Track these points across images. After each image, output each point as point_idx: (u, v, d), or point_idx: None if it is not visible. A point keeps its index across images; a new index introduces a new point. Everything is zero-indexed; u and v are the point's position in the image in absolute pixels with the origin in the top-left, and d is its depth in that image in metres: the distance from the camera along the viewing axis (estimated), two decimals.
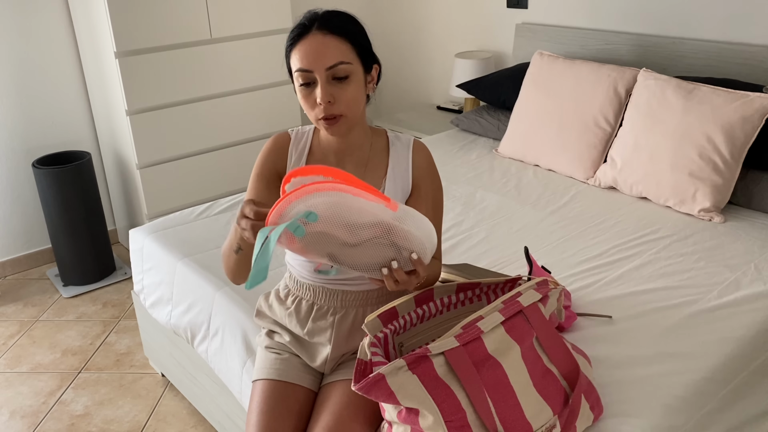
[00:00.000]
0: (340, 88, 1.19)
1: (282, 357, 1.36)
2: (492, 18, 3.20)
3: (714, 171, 2.01)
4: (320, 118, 1.21)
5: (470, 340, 1.06)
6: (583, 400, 1.15)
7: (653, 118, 2.15)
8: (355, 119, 1.24)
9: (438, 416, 1.01)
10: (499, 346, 1.09)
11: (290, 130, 1.35)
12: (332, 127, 1.21)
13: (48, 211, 2.71)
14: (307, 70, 1.18)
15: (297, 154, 1.33)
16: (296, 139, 1.34)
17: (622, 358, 1.37)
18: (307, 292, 1.35)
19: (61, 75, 2.93)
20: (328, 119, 1.20)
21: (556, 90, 2.45)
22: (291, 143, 1.33)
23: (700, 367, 1.35)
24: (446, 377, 1.03)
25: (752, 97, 2.03)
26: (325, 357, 1.32)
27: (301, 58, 1.18)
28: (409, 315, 1.18)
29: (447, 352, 1.04)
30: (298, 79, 1.21)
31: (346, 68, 1.19)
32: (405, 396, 1.01)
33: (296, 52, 1.20)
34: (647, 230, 1.95)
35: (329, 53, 1.17)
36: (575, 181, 2.35)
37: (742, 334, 1.46)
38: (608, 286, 1.65)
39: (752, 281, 1.65)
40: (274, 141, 1.34)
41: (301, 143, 1.33)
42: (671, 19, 2.53)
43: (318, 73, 1.18)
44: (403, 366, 1.01)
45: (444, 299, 1.24)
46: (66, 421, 2.07)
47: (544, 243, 1.90)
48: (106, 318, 2.62)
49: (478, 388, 1.04)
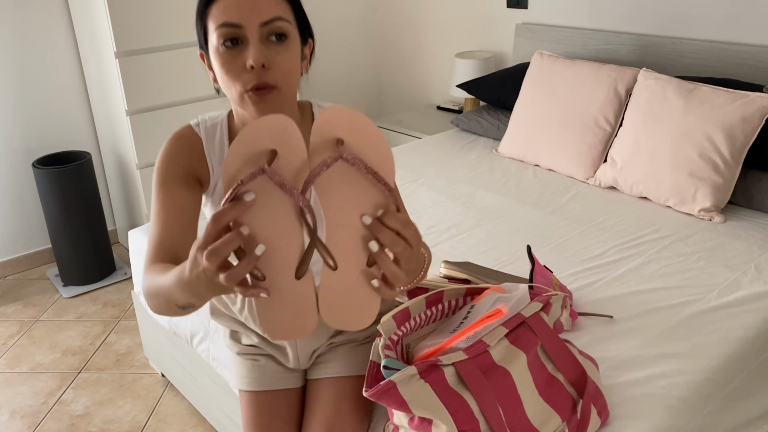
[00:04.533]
0: (276, 52, 0.97)
1: (258, 363, 1.27)
2: (492, 18, 3.20)
3: (714, 171, 2.01)
4: (249, 89, 0.97)
5: (478, 354, 1.06)
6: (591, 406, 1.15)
7: (653, 118, 2.15)
8: (288, 96, 1.01)
9: (452, 426, 0.99)
10: (506, 355, 1.09)
11: (194, 124, 1.08)
12: (263, 101, 0.98)
13: (48, 211, 2.70)
14: (235, 25, 0.95)
15: (217, 154, 1.08)
16: (208, 137, 1.09)
17: (623, 359, 1.36)
18: None
19: (61, 75, 2.93)
20: (260, 90, 0.97)
21: (557, 90, 2.45)
22: (204, 143, 1.08)
23: (701, 368, 1.35)
24: (457, 387, 1.03)
25: (752, 97, 2.03)
26: (295, 356, 1.25)
27: (228, 9, 0.95)
28: (419, 316, 1.17)
29: (457, 364, 1.04)
30: (221, 38, 0.96)
31: (285, 26, 0.97)
32: (418, 405, 0.99)
33: (219, 4, 0.97)
34: (647, 230, 1.95)
35: (265, 6, 0.96)
36: (575, 180, 2.35)
37: (742, 334, 1.46)
38: (608, 286, 1.65)
39: (752, 281, 1.65)
40: (178, 141, 1.07)
41: (216, 139, 1.08)
42: (671, 19, 2.53)
43: (249, 30, 0.95)
44: (414, 374, 1.00)
45: (452, 302, 1.23)
46: (66, 421, 2.07)
47: (545, 243, 1.89)
48: (106, 318, 2.62)
49: (489, 398, 1.03)
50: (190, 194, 1.02)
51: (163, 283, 0.84)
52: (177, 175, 1.03)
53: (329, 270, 0.79)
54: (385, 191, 0.77)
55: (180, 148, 1.06)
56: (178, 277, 0.79)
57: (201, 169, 1.07)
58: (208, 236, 0.71)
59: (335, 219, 0.78)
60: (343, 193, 0.78)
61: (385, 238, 0.76)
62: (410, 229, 0.78)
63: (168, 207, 0.99)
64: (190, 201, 1.01)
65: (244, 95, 0.98)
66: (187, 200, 1.01)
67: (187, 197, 1.01)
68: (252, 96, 0.98)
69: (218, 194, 1.09)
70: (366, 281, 0.80)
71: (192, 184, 1.04)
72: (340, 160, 0.76)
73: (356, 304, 0.81)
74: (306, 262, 0.77)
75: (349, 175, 0.77)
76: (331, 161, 0.75)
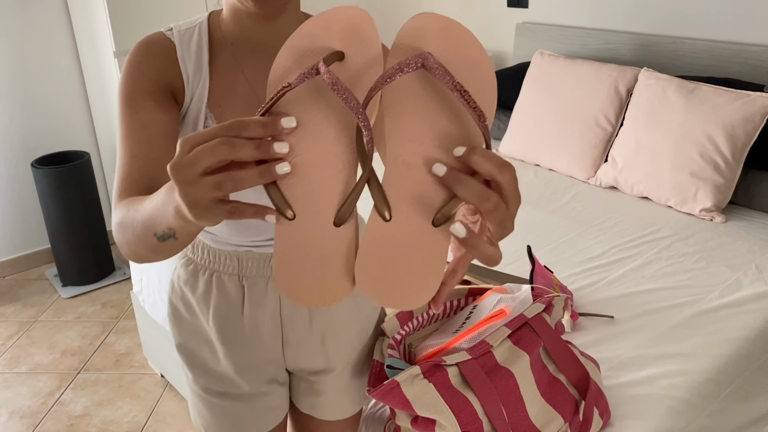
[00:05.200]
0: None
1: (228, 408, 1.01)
2: (492, 17, 3.19)
3: (715, 171, 2.00)
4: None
5: (481, 354, 1.06)
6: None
7: (654, 118, 2.15)
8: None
9: (456, 427, 0.99)
10: (509, 356, 1.08)
11: (165, 30, 0.87)
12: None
13: (47, 211, 2.70)
14: None
15: (194, 62, 0.85)
16: (183, 42, 0.85)
17: (624, 360, 1.36)
18: (227, 262, 0.95)
19: (61, 75, 2.92)
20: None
21: (557, 89, 2.44)
22: (177, 48, 0.85)
23: (702, 368, 1.34)
24: (460, 387, 1.02)
25: (753, 96, 2.02)
26: (276, 336, 0.97)
27: None
28: (422, 316, 1.17)
29: (460, 364, 1.03)
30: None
31: None
32: (422, 406, 0.99)
33: None
34: (648, 230, 1.94)
35: None
36: (576, 180, 2.35)
37: (743, 334, 1.45)
38: (609, 286, 1.64)
39: (753, 281, 1.65)
40: (146, 48, 0.84)
41: (192, 44, 0.85)
42: (672, 18, 2.52)
43: None
44: (418, 374, 1.00)
45: (453, 302, 1.23)
46: (65, 421, 2.06)
47: (545, 243, 1.89)
48: (105, 318, 2.61)
49: (493, 398, 1.03)
50: (163, 113, 0.81)
51: (142, 207, 0.65)
52: (146, 90, 0.81)
53: (379, 220, 0.58)
54: (478, 121, 0.54)
55: (148, 56, 0.83)
56: (165, 190, 0.60)
57: (174, 80, 0.84)
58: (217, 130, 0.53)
59: (400, 151, 0.57)
60: (417, 116, 0.57)
61: (469, 190, 0.53)
62: (507, 174, 0.53)
63: (138, 130, 0.78)
64: (164, 121, 0.80)
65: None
66: (160, 120, 0.80)
67: (161, 117, 0.80)
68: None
69: (194, 111, 0.86)
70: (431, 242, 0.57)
71: (165, 100, 0.82)
72: (422, 69, 0.56)
73: (409, 273, 0.58)
74: (352, 205, 0.58)
75: (431, 93, 0.58)
76: (410, 66, 0.55)
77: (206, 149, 0.51)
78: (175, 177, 0.52)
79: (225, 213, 0.54)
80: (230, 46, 0.86)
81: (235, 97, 0.85)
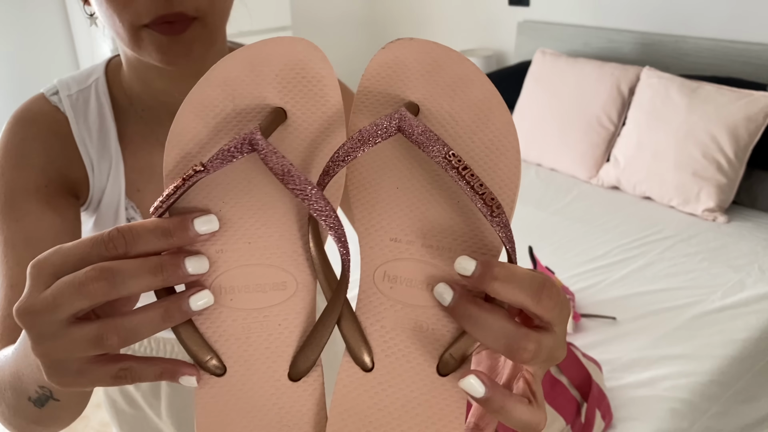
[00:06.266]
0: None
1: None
2: (494, 16, 3.18)
3: (718, 170, 1.99)
4: (150, 21, 0.55)
5: None
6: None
7: (657, 117, 2.14)
8: (215, 33, 0.59)
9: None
10: None
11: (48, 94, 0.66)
12: (175, 41, 0.56)
13: None
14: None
15: (97, 140, 0.64)
16: (77, 112, 0.64)
17: (626, 361, 1.35)
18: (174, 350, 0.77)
19: (59, 75, 2.91)
20: (170, 24, 0.55)
21: (559, 88, 2.44)
22: (72, 122, 0.64)
23: (705, 370, 1.33)
24: None
25: (756, 96, 2.01)
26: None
27: None
28: None
29: None
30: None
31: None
32: None
33: None
34: (651, 230, 1.93)
35: None
36: (578, 180, 2.34)
37: (746, 335, 1.44)
38: (612, 287, 1.64)
39: (756, 282, 1.64)
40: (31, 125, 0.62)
41: (91, 115, 0.64)
42: (675, 17, 2.51)
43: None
44: None
45: None
46: None
47: (547, 243, 1.88)
48: None
49: None
50: (56, 215, 0.59)
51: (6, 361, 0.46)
52: (29, 188, 0.59)
53: (357, 370, 0.38)
54: (488, 215, 0.34)
55: (31, 137, 0.61)
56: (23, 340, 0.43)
57: (71, 169, 0.63)
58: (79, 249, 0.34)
59: (379, 258, 0.38)
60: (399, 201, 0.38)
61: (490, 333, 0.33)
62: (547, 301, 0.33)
63: (19, 247, 0.57)
64: (56, 227, 0.58)
65: (141, 32, 0.56)
66: (51, 228, 0.58)
67: (52, 222, 0.58)
68: (154, 34, 0.56)
69: (111, 203, 0.66)
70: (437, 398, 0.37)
71: (58, 198, 0.60)
72: (399, 134, 0.36)
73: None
74: (317, 348, 0.38)
75: (421, 164, 0.38)
76: (380, 134, 0.35)
77: (73, 286, 0.32)
78: (26, 326, 0.33)
79: (109, 379, 0.35)
80: (140, 113, 0.66)
81: (156, 178, 0.67)
